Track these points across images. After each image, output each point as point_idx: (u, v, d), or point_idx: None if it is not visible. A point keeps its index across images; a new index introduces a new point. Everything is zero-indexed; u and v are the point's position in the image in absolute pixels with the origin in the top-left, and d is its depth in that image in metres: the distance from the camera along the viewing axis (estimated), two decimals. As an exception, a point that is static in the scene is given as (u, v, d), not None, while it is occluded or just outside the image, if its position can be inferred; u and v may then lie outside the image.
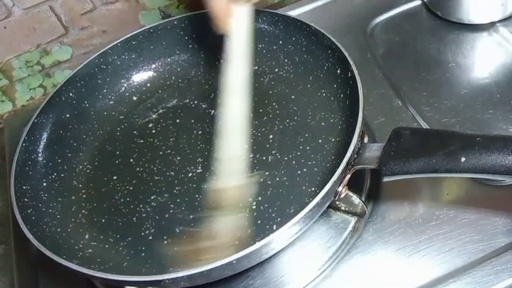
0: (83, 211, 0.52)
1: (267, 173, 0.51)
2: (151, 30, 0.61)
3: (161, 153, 0.56)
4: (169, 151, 0.56)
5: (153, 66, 0.63)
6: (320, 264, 0.47)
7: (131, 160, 0.56)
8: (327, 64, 0.55)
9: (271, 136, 0.54)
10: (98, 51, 0.60)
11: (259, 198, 0.49)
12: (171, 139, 0.57)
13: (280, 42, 0.59)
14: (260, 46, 0.61)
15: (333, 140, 0.52)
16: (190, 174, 0.53)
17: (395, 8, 0.69)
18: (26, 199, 0.49)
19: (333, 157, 0.50)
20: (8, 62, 0.69)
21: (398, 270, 0.46)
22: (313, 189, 0.49)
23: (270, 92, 0.59)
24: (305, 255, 0.48)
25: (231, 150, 0.47)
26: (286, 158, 0.52)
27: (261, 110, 0.57)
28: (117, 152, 0.57)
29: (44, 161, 0.54)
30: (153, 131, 0.58)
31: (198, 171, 0.53)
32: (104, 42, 0.71)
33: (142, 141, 0.58)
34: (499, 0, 0.61)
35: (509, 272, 0.43)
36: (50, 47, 0.70)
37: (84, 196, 0.54)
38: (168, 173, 0.53)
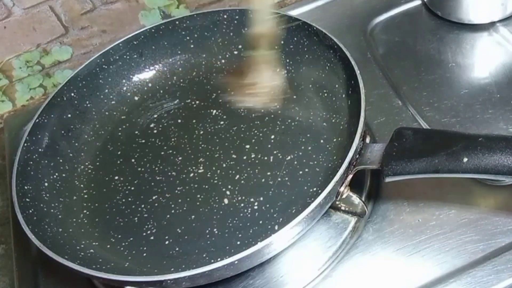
0: (85, 211, 0.52)
1: (268, 173, 0.51)
2: (153, 30, 0.61)
3: (162, 153, 0.56)
4: (170, 151, 0.56)
5: (155, 66, 0.63)
6: (320, 264, 0.47)
7: (133, 160, 0.56)
8: (329, 65, 0.55)
9: (272, 136, 0.54)
10: (99, 51, 0.60)
11: (261, 199, 0.49)
12: (173, 139, 0.57)
13: (282, 42, 0.59)
14: (261, 46, 0.61)
15: (334, 140, 0.52)
16: (191, 174, 0.53)
17: (395, 8, 0.68)
18: (27, 199, 0.49)
19: (335, 157, 0.50)
20: (8, 62, 0.69)
21: (398, 270, 0.46)
22: (315, 189, 0.49)
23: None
24: (305, 255, 0.48)
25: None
26: (287, 158, 0.52)
27: (262, 110, 0.57)
28: (119, 152, 0.57)
29: (46, 161, 0.54)
30: (155, 131, 0.58)
31: (199, 171, 0.53)
32: (104, 42, 0.71)
33: (143, 141, 0.57)
34: (499, 0, 0.61)
35: (509, 272, 0.43)
36: (50, 47, 0.70)
37: (85, 196, 0.54)
38: (169, 173, 0.53)
